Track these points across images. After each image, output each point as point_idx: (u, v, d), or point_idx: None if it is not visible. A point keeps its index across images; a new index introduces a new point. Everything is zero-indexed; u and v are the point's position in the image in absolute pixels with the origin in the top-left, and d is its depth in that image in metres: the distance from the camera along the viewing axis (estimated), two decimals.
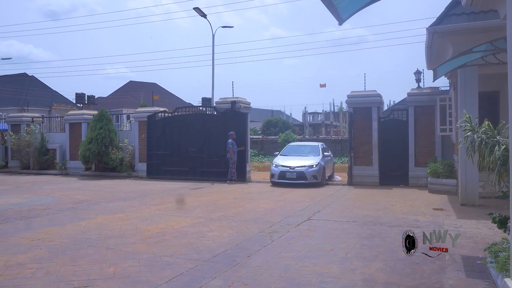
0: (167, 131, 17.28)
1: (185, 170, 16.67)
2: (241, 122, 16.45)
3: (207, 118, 17.34)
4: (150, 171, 17.39)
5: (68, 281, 4.71)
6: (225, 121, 16.34)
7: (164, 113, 17.86)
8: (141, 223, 8.03)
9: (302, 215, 8.78)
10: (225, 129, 15.98)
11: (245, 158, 16.14)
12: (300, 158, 15.01)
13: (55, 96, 56.53)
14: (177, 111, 18.11)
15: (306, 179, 14.05)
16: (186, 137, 16.87)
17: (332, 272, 5.06)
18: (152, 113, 17.88)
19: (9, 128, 21.63)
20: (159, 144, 17.36)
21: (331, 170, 16.20)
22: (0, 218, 8.55)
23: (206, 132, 16.61)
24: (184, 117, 17.62)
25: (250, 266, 5.30)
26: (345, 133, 45.24)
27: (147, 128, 17.69)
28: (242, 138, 16.07)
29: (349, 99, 14.97)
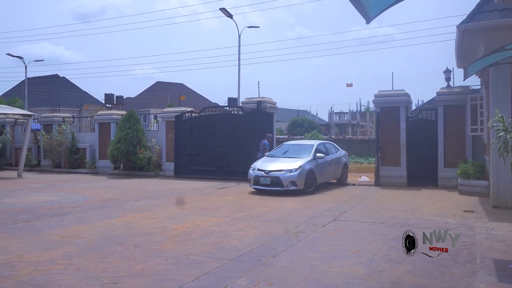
0: (194, 131, 17.39)
1: (211, 170, 16.68)
2: (268, 122, 16.43)
3: (234, 118, 17.41)
4: (177, 171, 17.53)
5: (97, 278, 4.82)
6: (251, 121, 16.35)
7: (191, 113, 18.02)
8: (168, 221, 8.14)
9: (328, 216, 8.72)
10: (252, 129, 15.98)
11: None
12: (285, 160, 12.94)
13: (85, 96, 57.89)
14: (204, 111, 18.24)
15: (283, 185, 11.97)
16: (213, 137, 16.92)
17: (358, 273, 5.01)
18: (180, 113, 18.07)
19: (41, 128, 22.27)
20: (187, 143, 17.49)
21: (336, 173, 14.20)
22: (33, 215, 8.82)
23: (233, 132, 16.63)
24: (211, 117, 17.72)
25: (275, 266, 5.30)
26: (372, 133, 44.66)
27: (175, 128, 17.85)
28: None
29: (376, 99, 14.76)
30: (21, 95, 39.19)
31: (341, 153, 14.81)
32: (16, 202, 10.72)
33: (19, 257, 5.64)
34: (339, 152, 14.72)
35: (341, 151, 14.98)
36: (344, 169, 14.66)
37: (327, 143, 15.18)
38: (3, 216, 8.73)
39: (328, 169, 13.63)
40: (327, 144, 14.93)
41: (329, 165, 13.67)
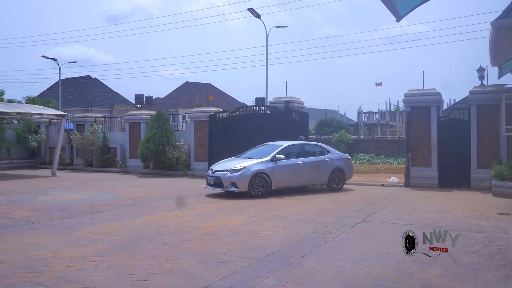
0: (228, 131, 17.37)
1: None
2: (302, 122, 16.27)
3: (268, 118, 17.27)
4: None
5: (128, 275, 4.91)
6: (286, 121, 16.23)
7: (225, 112, 18.12)
8: (197, 220, 8.22)
9: (357, 217, 8.62)
10: (286, 129, 15.82)
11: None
12: (241, 160, 12.43)
13: (116, 97, 59.11)
14: (238, 111, 18.34)
15: (223, 186, 11.59)
16: (247, 136, 16.74)
17: (388, 276, 4.94)
18: (214, 113, 18.22)
19: (74, 128, 22.88)
20: (220, 143, 17.46)
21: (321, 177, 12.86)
22: (66, 213, 9.07)
23: (267, 131, 16.36)
24: (245, 117, 17.75)
25: (303, 266, 5.28)
26: (402, 133, 43.90)
27: (209, 127, 17.90)
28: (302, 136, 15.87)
29: (407, 98, 14.50)
30: (55, 96, 40.32)
31: (331, 156, 13.14)
32: (51, 200, 11.05)
33: (53, 253, 5.81)
34: (328, 155, 13.11)
35: (333, 154, 13.29)
36: (335, 173, 12.97)
37: (311, 145, 13.94)
38: (38, 213, 9.02)
39: (300, 172, 12.43)
40: (310, 146, 13.70)
41: (301, 168, 12.43)
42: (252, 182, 11.54)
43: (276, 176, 11.91)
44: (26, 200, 11.05)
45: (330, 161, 12.98)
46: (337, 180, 13.06)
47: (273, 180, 11.83)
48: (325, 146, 13.69)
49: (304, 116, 16.71)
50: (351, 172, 13.68)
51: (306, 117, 16.82)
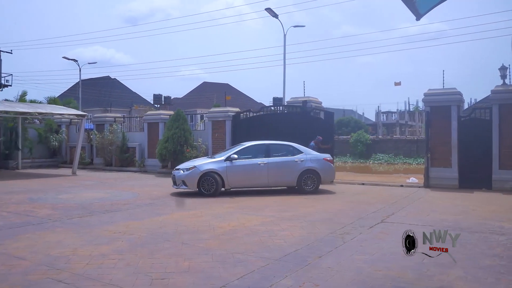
0: (252, 131, 17.16)
1: None
2: (327, 121, 16.05)
3: (291, 118, 16.92)
4: None
5: (146, 273, 4.96)
6: (310, 121, 16.07)
7: (249, 112, 18.12)
8: (214, 220, 8.26)
9: (375, 217, 8.55)
10: (311, 129, 15.65)
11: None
12: (204, 159, 12.98)
13: (135, 97, 59.77)
14: (262, 111, 18.27)
15: (176, 184, 12.03)
16: (271, 137, 16.20)
17: (407, 277, 4.88)
18: (237, 112, 18.28)
19: (94, 128, 23.22)
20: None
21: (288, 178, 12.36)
22: (86, 211, 9.21)
23: (293, 131, 16.03)
24: (269, 117, 17.58)
25: (321, 267, 5.26)
26: (421, 133, 43.36)
27: (232, 127, 17.84)
28: (328, 137, 15.73)
29: (426, 98, 14.30)
30: (75, 96, 40.96)
31: (303, 156, 12.48)
32: (71, 199, 11.23)
33: (74, 251, 5.91)
34: (299, 156, 12.50)
35: (306, 155, 12.57)
36: (307, 175, 12.34)
37: (280, 144, 13.08)
38: (59, 211, 9.18)
39: (260, 173, 12.19)
40: (278, 146, 13.00)
41: (263, 169, 12.18)
42: (203, 181, 11.73)
43: (230, 176, 11.96)
44: (48, 198, 11.26)
45: (301, 162, 12.40)
46: (309, 182, 12.38)
47: (227, 180, 11.92)
48: (297, 146, 12.89)
49: (330, 116, 16.47)
50: (329, 174, 12.89)
51: (331, 117, 16.56)
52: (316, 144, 15.04)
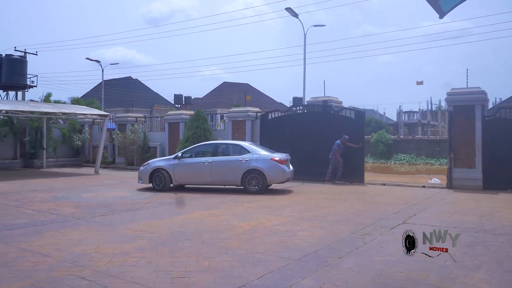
0: (280, 130, 17.03)
1: (298, 170, 15.55)
2: (358, 121, 15.76)
3: (322, 117, 16.56)
4: None
5: (167, 271, 5.01)
6: (341, 120, 15.88)
7: (277, 111, 18.01)
8: (234, 219, 8.28)
9: (396, 218, 8.44)
10: (341, 128, 15.37)
11: (362, 157, 15.64)
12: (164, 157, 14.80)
13: (156, 97, 60.39)
14: (290, 111, 18.10)
15: (139, 179, 13.50)
16: (300, 137, 16.39)
17: (429, 280, 4.81)
18: (265, 112, 18.26)
19: (116, 128, 23.56)
20: (272, 143, 16.71)
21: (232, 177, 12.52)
22: (109, 210, 9.35)
23: (321, 131, 16.01)
24: (298, 116, 17.41)
25: (341, 267, 5.22)
26: (444, 133, 42.61)
27: (260, 127, 17.71)
28: (359, 137, 15.47)
29: (449, 97, 14.05)
30: (98, 96, 41.67)
31: (248, 156, 12.46)
32: (94, 197, 11.42)
33: (96, 249, 6.01)
34: (244, 155, 12.52)
35: (252, 155, 12.49)
36: (251, 174, 12.32)
37: (229, 144, 13.61)
38: (82, 210, 9.35)
39: (205, 171, 12.66)
40: (226, 145, 13.52)
41: (206, 167, 12.63)
42: (154, 177, 12.88)
43: (177, 173, 12.80)
44: (71, 197, 11.48)
45: (245, 162, 12.41)
46: (254, 182, 12.32)
47: (174, 177, 12.81)
48: (245, 146, 12.97)
49: (360, 115, 16.15)
50: (277, 174, 12.44)
51: (362, 116, 16.22)
52: (343, 143, 14.92)
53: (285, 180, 12.81)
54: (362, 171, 15.25)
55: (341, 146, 14.97)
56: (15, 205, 10.00)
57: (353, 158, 15.13)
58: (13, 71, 30.20)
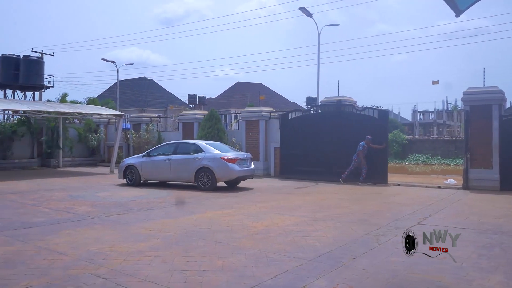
0: (301, 130, 16.82)
1: (320, 170, 15.84)
2: (381, 121, 15.45)
3: (344, 117, 16.19)
4: (283, 171, 17.14)
5: (181, 270, 5.04)
6: (363, 120, 15.54)
7: (297, 111, 17.87)
8: (247, 219, 8.29)
9: (411, 219, 8.36)
10: (364, 128, 15.07)
11: (386, 157, 15.37)
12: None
13: (170, 97, 60.76)
14: (312, 110, 17.88)
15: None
16: (321, 136, 16.21)
17: (444, 281, 4.75)
18: (285, 112, 18.21)
19: (131, 127, 23.77)
20: (292, 143, 16.94)
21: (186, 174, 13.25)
22: (124, 209, 9.44)
23: (343, 130, 15.76)
24: (318, 116, 17.00)
25: (355, 268, 5.19)
26: (460, 133, 42.06)
27: (280, 127, 17.50)
28: (382, 137, 15.13)
29: (466, 96, 13.86)
30: (113, 97, 42.05)
31: (201, 155, 13.07)
32: (109, 196, 11.54)
33: (111, 247, 6.07)
34: (198, 154, 13.15)
35: (205, 153, 13.08)
36: (203, 172, 12.90)
37: (187, 143, 14.41)
38: (98, 209, 9.45)
39: (165, 168, 13.57)
40: (185, 144, 14.30)
41: (165, 165, 13.55)
42: (128, 173, 14.25)
43: (143, 170, 14.04)
44: (87, 196, 11.61)
45: (198, 160, 13.03)
46: (205, 179, 12.88)
47: (141, 173, 14.03)
48: (200, 145, 13.55)
49: (384, 115, 15.86)
50: (224, 172, 12.85)
51: (385, 116, 15.93)
52: (367, 144, 14.66)
53: (234, 178, 13.22)
54: (386, 172, 14.95)
55: (366, 147, 14.69)
56: (32, 203, 10.16)
57: (376, 159, 14.84)
58: (31, 72, 30.73)
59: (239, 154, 13.54)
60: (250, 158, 13.87)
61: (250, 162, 13.81)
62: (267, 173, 17.98)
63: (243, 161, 13.30)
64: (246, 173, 13.47)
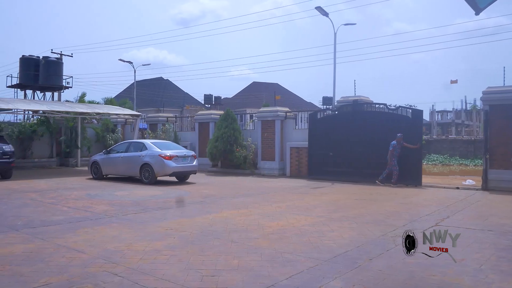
0: (329, 130, 16.49)
1: (349, 171, 15.56)
2: (415, 120, 15.03)
3: (375, 117, 15.86)
4: (311, 172, 16.82)
5: (197, 269, 5.06)
6: (396, 120, 15.10)
7: (326, 110, 17.69)
8: (263, 219, 8.29)
9: (429, 220, 8.26)
10: (396, 128, 14.56)
11: (419, 158, 14.79)
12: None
13: (186, 97, 61.11)
14: (343, 108, 17.11)
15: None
16: (350, 136, 15.85)
17: (463, 284, 4.68)
18: (314, 111, 18.13)
19: (148, 127, 23.98)
20: (321, 143, 16.61)
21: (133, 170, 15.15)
22: (140, 208, 9.53)
23: (375, 131, 15.34)
24: (347, 115, 16.47)
25: (372, 269, 5.15)
26: (479, 133, 41.39)
27: (309, 126, 17.26)
28: (416, 137, 14.58)
29: (485, 96, 13.62)
30: (130, 97, 42.47)
31: (145, 153, 14.78)
32: (126, 195, 11.66)
33: (128, 246, 6.13)
34: (142, 152, 14.88)
35: (148, 151, 14.74)
36: (145, 168, 14.58)
37: (137, 142, 15.99)
38: (115, 207, 9.56)
39: (119, 164, 15.62)
40: (136, 143, 15.91)
41: (119, 161, 15.61)
42: (93, 168, 16.31)
43: (104, 165, 16.00)
44: (104, 195, 11.75)
45: (142, 157, 14.76)
46: (147, 174, 14.50)
47: (103, 168, 16.00)
48: (146, 144, 15.25)
49: (418, 114, 15.37)
50: (162, 168, 14.33)
51: (419, 115, 15.47)
52: (398, 142, 14.16)
53: (169, 173, 14.59)
54: (420, 173, 14.41)
55: (397, 147, 14.20)
56: (51, 202, 10.32)
57: (409, 159, 14.32)
58: (50, 72, 31.19)
59: (178, 152, 14.93)
60: (191, 155, 15.23)
61: (192, 159, 15.15)
62: (283, 173, 17.95)
63: (181, 158, 14.74)
64: (184, 169, 14.87)
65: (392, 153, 14.24)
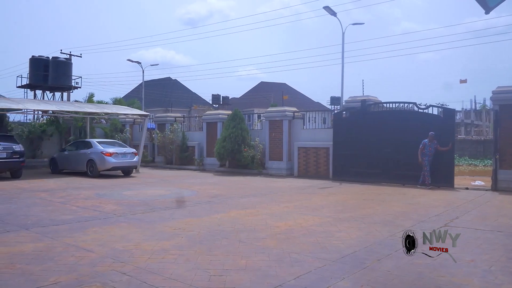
0: (355, 130, 15.98)
1: (376, 173, 15.17)
2: (447, 120, 14.58)
3: (405, 116, 15.47)
4: (335, 173, 16.36)
5: (205, 269, 5.08)
6: (427, 119, 14.65)
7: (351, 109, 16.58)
8: (271, 219, 8.29)
9: (437, 221, 8.20)
10: (428, 128, 14.02)
11: (452, 159, 14.28)
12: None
13: (194, 97, 61.26)
14: (372, 108, 16.51)
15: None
16: (378, 137, 15.36)
17: (472, 285, 4.65)
18: (339, 110, 17.92)
19: (156, 127, 24.08)
20: (346, 144, 16.13)
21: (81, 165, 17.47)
22: (149, 207, 9.57)
23: (404, 132, 14.87)
24: (375, 115, 16.06)
25: (380, 270, 5.13)
26: (489, 133, 40.99)
27: (333, 126, 16.87)
28: (449, 137, 14.06)
29: (495, 95, 13.50)
30: (138, 97, 42.62)
31: (90, 150, 17.22)
32: (134, 195, 11.72)
33: (137, 245, 6.16)
34: (89, 149, 17.27)
35: (93, 149, 17.17)
36: (90, 164, 17.03)
37: (87, 141, 18.31)
38: (124, 207, 9.61)
39: (71, 160, 18.02)
40: (85, 142, 18.23)
41: (71, 157, 18.01)
42: (52, 163, 18.62)
43: (59, 161, 18.42)
44: (113, 194, 11.82)
45: (88, 154, 17.20)
46: (92, 169, 16.98)
47: (59, 164, 18.37)
48: (92, 142, 17.73)
49: (450, 113, 14.92)
50: (102, 164, 16.76)
51: (452, 115, 15.06)
52: (430, 141, 13.71)
53: (110, 168, 17.02)
54: (452, 175, 13.95)
55: (427, 145, 13.79)
56: (61, 201, 10.40)
57: (441, 160, 13.85)
58: (59, 73, 31.45)
59: (119, 150, 17.48)
60: (131, 153, 17.72)
61: (132, 156, 17.61)
62: (291, 173, 17.94)
63: (121, 155, 17.24)
64: (123, 164, 17.32)
65: (422, 151, 13.83)
